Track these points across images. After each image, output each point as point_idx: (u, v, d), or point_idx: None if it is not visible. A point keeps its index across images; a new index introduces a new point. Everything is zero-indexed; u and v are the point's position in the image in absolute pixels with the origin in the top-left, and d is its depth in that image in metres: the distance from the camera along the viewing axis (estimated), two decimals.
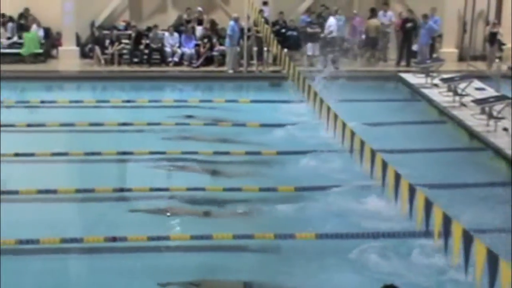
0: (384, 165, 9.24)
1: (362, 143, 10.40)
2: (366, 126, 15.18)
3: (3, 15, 26.10)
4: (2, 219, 10.75)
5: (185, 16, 26.36)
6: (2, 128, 16.12)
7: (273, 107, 18.68)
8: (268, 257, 9.85)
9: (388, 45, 25.38)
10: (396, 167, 9.10)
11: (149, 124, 16.67)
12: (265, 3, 25.24)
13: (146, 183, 12.31)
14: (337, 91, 17.10)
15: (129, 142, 15.18)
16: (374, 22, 24.80)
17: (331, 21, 24.20)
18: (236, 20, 23.30)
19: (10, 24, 25.80)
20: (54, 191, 11.76)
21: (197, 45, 25.28)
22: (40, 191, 11.74)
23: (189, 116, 17.46)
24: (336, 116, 12.08)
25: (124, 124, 16.64)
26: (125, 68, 24.51)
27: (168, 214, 11.04)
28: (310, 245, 9.98)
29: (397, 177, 8.76)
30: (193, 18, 26.15)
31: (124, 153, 14.18)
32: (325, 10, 25.29)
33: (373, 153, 9.90)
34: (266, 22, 22.07)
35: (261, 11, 22.87)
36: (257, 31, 22.79)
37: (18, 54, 25.14)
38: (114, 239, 9.80)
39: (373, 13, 25.26)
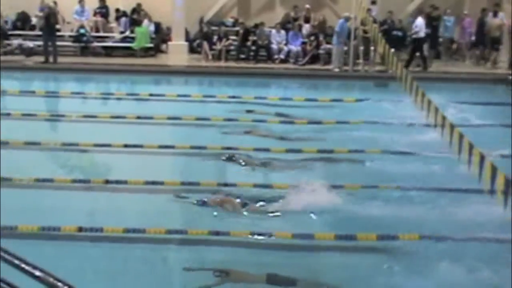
0: (494, 170, 9.03)
1: (471, 146, 10.19)
2: (474, 129, 14.84)
3: (117, 10, 26.98)
4: (111, 207, 11.14)
5: (292, 14, 26.51)
6: (113, 119, 16.69)
7: (378, 107, 18.49)
8: (370, 257, 9.76)
9: (499, 47, 24.80)
10: (506, 173, 8.87)
11: (254, 121, 16.80)
12: (373, 2, 25.10)
13: (250, 179, 12.40)
14: (445, 93, 16.80)
15: (234, 137, 15.31)
16: (496, 21, 24.27)
17: (419, 21, 23.79)
18: (347, 19, 23.22)
19: (123, 19, 26.68)
20: (161, 183, 11.97)
21: (303, 42, 25.39)
22: (147, 182, 11.98)
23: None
24: (444, 118, 11.87)
25: (229, 119, 16.83)
26: (232, 64, 24.86)
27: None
28: (413, 246, 9.81)
29: (507, 182, 8.55)
30: (300, 15, 26.25)
31: (229, 148, 14.29)
32: (433, 10, 24.88)
33: (482, 156, 9.68)
34: (374, 21, 21.91)
35: (369, 10, 22.73)
36: (365, 31, 22.64)
37: (129, 48, 25.89)
38: (217, 233, 9.90)
39: (494, 12, 24.75)
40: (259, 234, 9.98)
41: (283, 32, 25.68)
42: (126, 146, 14.25)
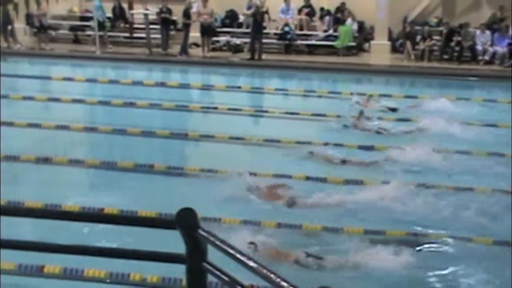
0: None
1: None
2: None
3: (322, 9, 27.43)
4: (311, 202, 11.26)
5: (498, 14, 25.73)
6: (314, 117, 16.90)
7: None
8: None
9: None
10: None
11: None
12: None
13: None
14: None
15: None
16: None
17: None
18: None
19: (327, 18, 27.12)
20: (361, 182, 11.93)
21: (510, 44, 24.57)
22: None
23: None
24: None
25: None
26: (435, 64, 24.51)
27: None
28: None
29: None
30: (507, 16, 25.44)
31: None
32: None
33: None
34: None
35: None
36: None
37: (332, 46, 26.24)
38: (415, 235, 9.91)
39: None
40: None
41: (488, 32, 25.01)
42: (326, 144, 14.20)
